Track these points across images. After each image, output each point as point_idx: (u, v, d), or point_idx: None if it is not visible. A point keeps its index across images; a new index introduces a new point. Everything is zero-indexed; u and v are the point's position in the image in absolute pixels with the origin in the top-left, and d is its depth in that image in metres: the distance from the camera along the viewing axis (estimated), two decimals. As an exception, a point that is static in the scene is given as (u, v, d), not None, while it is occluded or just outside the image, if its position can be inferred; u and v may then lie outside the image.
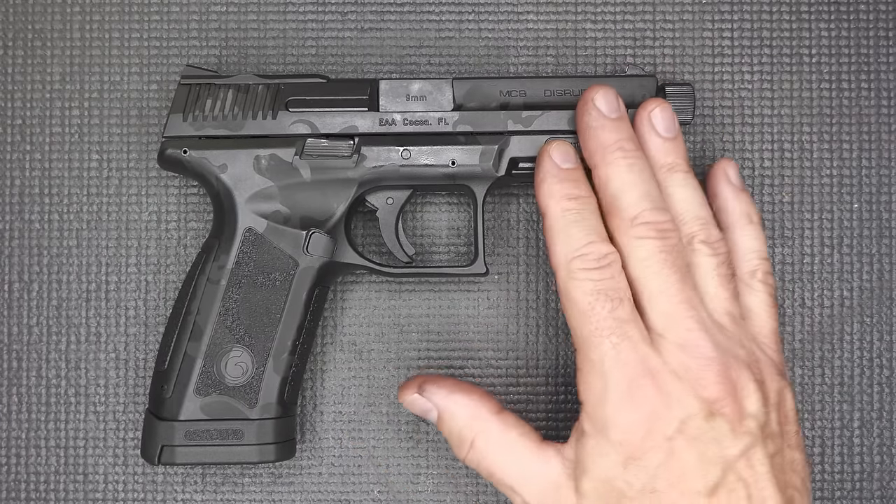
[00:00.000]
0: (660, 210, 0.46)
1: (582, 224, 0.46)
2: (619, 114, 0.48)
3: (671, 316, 0.45)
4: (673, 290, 0.45)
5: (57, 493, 0.55)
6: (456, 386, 0.49)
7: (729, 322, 0.46)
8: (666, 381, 0.44)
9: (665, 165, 0.48)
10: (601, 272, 0.45)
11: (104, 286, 0.55)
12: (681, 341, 0.44)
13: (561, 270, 0.46)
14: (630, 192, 0.46)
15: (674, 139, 0.49)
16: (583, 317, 0.45)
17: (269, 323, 0.50)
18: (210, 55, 0.56)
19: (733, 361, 0.44)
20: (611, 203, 0.47)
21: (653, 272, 0.45)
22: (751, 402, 0.44)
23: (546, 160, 0.48)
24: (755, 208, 0.50)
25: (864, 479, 0.55)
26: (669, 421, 0.43)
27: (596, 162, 0.48)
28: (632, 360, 0.44)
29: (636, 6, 0.56)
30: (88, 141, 0.56)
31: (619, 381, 0.44)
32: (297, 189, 0.51)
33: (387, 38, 0.56)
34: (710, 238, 0.47)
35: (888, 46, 0.56)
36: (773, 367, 0.46)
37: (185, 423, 0.49)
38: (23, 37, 0.56)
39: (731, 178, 0.50)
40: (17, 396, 0.55)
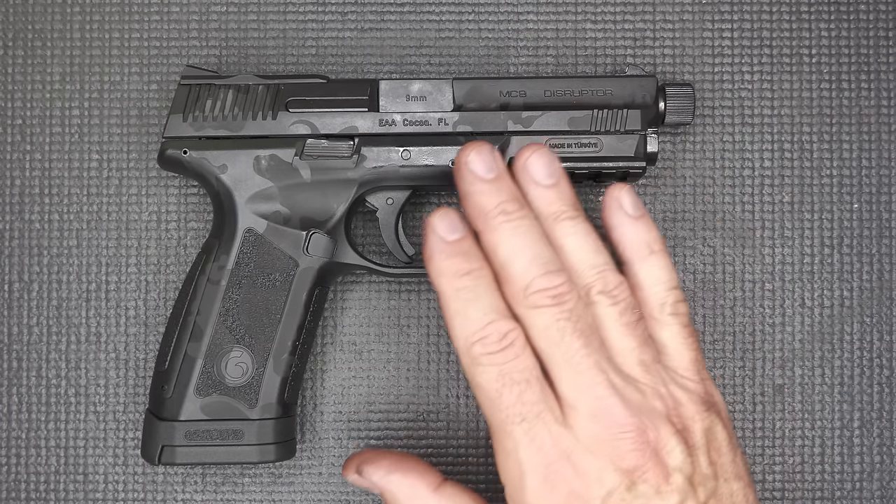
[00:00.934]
0: (552, 274, 0.43)
1: (477, 303, 0.43)
2: (496, 172, 0.44)
3: (580, 386, 0.42)
4: (577, 357, 0.42)
5: (57, 493, 0.55)
6: (394, 464, 0.47)
7: (641, 372, 0.44)
8: (582, 460, 0.42)
9: (551, 215, 0.45)
10: (504, 354, 0.42)
11: (104, 286, 0.55)
12: (592, 411, 0.42)
13: (464, 357, 0.43)
14: (518, 258, 0.43)
15: (556, 185, 0.45)
16: (492, 404, 0.43)
17: (270, 323, 0.50)
18: (210, 55, 0.56)
19: (650, 420, 0.42)
20: (501, 272, 0.44)
21: (554, 342, 0.43)
22: (674, 457, 0.42)
23: (430, 235, 0.44)
24: (656, 234, 0.47)
25: (864, 479, 0.55)
26: (592, 499, 0.42)
27: (480, 229, 0.44)
28: (546, 444, 0.42)
29: (636, 6, 0.56)
30: (88, 141, 0.56)
31: (535, 468, 0.42)
32: (297, 189, 0.51)
33: (387, 39, 0.56)
34: (607, 286, 0.44)
35: (888, 46, 0.56)
36: (698, 402, 0.44)
37: (186, 424, 0.49)
38: (23, 37, 0.56)
39: (624, 206, 0.47)
40: (17, 396, 0.55)
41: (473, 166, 0.44)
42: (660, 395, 0.44)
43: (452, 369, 0.55)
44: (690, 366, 0.46)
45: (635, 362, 0.44)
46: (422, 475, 0.46)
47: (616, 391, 0.42)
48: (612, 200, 0.47)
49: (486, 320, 0.43)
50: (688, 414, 0.44)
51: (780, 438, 0.55)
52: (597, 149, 0.51)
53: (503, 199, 0.44)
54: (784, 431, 0.55)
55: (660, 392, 0.44)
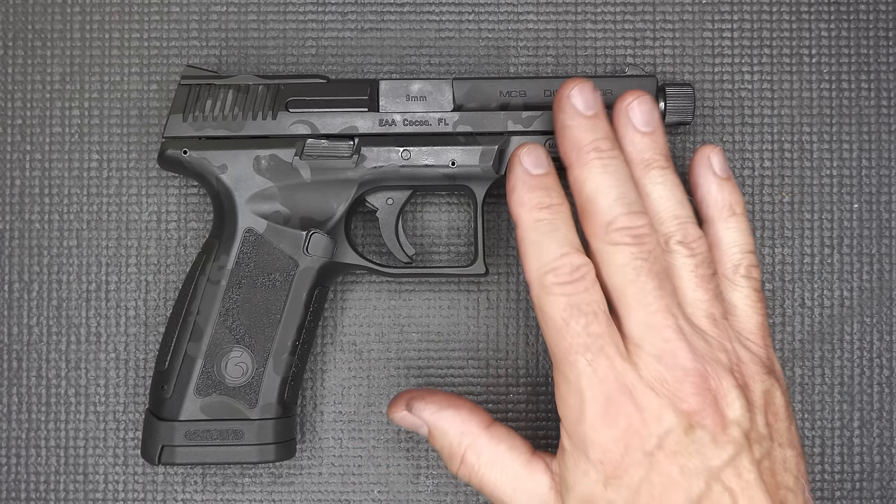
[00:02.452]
0: (636, 214, 0.44)
1: (554, 235, 0.45)
2: (595, 110, 0.46)
3: (648, 326, 0.43)
4: (650, 298, 0.44)
5: (57, 493, 0.55)
6: (445, 401, 0.48)
7: (709, 325, 0.45)
8: (643, 397, 0.43)
9: (642, 162, 0.47)
10: (574, 286, 0.44)
11: (104, 286, 0.55)
12: (658, 352, 0.43)
13: (534, 285, 0.45)
14: (605, 195, 0.44)
15: (652, 133, 0.47)
16: (558, 333, 0.44)
17: (270, 323, 0.50)
18: (210, 55, 0.56)
19: (713, 369, 0.43)
20: (585, 206, 0.45)
21: (629, 280, 0.44)
22: (733, 410, 0.43)
23: (516, 166, 0.47)
24: (739, 197, 0.48)
25: (864, 479, 0.55)
26: (648, 437, 0.42)
27: (570, 162, 0.46)
28: (608, 377, 0.43)
29: (636, 6, 0.56)
30: (88, 141, 0.56)
31: (595, 399, 0.43)
32: (297, 189, 0.51)
33: (387, 39, 0.56)
34: (686, 238, 0.46)
35: (888, 46, 0.56)
36: (759, 364, 0.45)
37: (186, 424, 0.49)
38: (23, 37, 0.56)
39: (714, 166, 0.49)
40: (17, 396, 0.55)
41: (575, 101, 0.46)
42: (724, 349, 0.45)
43: (452, 370, 0.55)
44: (756, 329, 0.47)
45: (704, 314, 0.45)
46: (473, 413, 0.48)
47: (683, 336, 0.43)
48: (703, 158, 0.49)
49: (560, 252, 0.44)
50: (749, 373, 0.45)
51: (780, 438, 0.55)
52: (597, 149, 0.51)
53: (598, 136, 0.46)
54: (784, 431, 0.55)
55: (725, 347, 0.45)
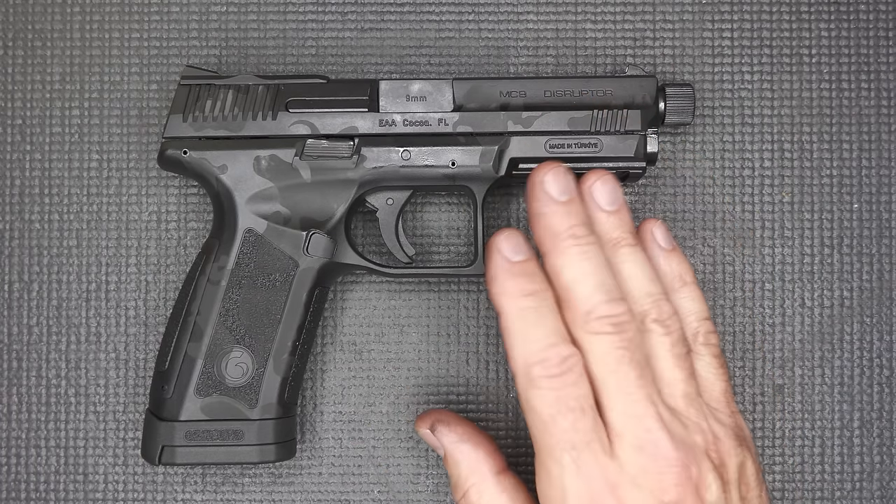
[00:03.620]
0: (615, 302, 0.43)
1: (541, 324, 0.43)
2: (569, 195, 0.45)
3: (630, 416, 0.43)
4: (631, 388, 0.43)
5: (57, 493, 0.55)
6: (467, 434, 0.48)
7: (685, 405, 0.45)
8: (626, 493, 0.42)
9: (610, 241, 0.46)
10: (563, 379, 0.43)
11: (104, 286, 0.55)
12: (640, 443, 0.43)
13: (521, 377, 0.43)
14: (584, 283, 0.43)
15: (618, 212, 0.46)
16: (544, 428, 0.43)
17: (270, 323, 0.50)
18: (210, 55, 0.56)
19: (692, 455, 0.43)
20: (564, 294, 0.44)
21: (610, 370, 0.43)
22: (711, 493, 0.43)
23: (495, 255, 0.45)
24: (688, 266, 0.48)
25: (864, 479, 0.55)
26: None
27: (547, 249, 0.45)
28: (593, 474, 0.42)
29: (636, 6, 0.56)
30: (88, 141, 0.56)
31: (578, 495, 0.42)
32: (297, 190, 0.51)
33: (387, 39, 0.56)
34: (661, 315, 0.45)
35: (888, 46, 0.56)
36: (732, 438, 0.45)
37: (186, 424, 0.49)
38: (23, 37, 0.56)
39: (658, 240, 0.48)
40: (17, 396, 0.55)
41: (549, 187, 0.45)
42: (701, 430, 0.44)
43: (452, 369, 0.55)
44: (721, 397, 0.47)
45: (681, 394, 0.45)
46: (489, 455, 0.47)
47: (664, 425, 0.43)
48: (647, 233, 0.48)
49: (547, 342, 0.43)
50: (724, 449, 0.44)
51: (779, 438, 0.55)
52: (597, 149, 0.51)
53: (574, 222, 0.44)
54: (784, 431, 0.55)
55: (701, 427, 0.44)
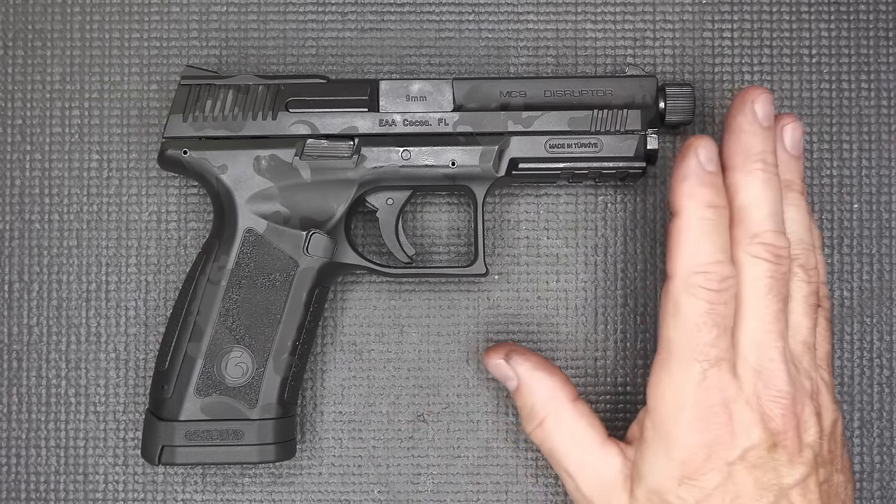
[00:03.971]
0: (781, 234, 0.46)
1: (715, 238, 0.45)
2: (770, 123, 0.47)
3: (759, 343, 0.45)
4: (769, 318, 0.45)
5: (57, 493, 0.55)
6: (541, 363, 0.50)
7: (802, 351, 0.47)
8: (738, 410, 0.45)
9: (783, 182, 0.48)
10: (718, 295, 0.45)
11: (104, 286, 0.55)
12: (760, 368, 0.45)
13: (678, 279, 0.45)
14: (759, 207, 0.46)
15: (797, 158, 0.49)
16: (686, 333, 0.45)
17: (270, 323, 0.50)
18: (210, 55, 0.56)
19: (800, 395, 0.45)
20: (737, 211, 0.46)
21: (757, 295, 0.45)
22: (809, 434, 0.45)
23: (691, 158, 0.46)
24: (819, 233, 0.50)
25: (864, 479, 0.55)
26: (733, 448, 0.44)
27: (734, 164, 0.47)
28: (714, 388, 0.45)
29: (636, 6, 0.56)
30: (88, 141, 0.56)
31: (696, 405, 0.45)
32: (297, 190, 0.51)
33: (387, 39, 0.56)
34: (808, 264, 0.48)
35: (888, 46, 0.56)
36: (830, 394, 0.47)
37: (186, 424, 0.49)
38: (23, 37, 0.56)
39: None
40: (17, 396, 0.55)
41: (758, 108, 0.47)
42: (810, 377, 0.47)
43: (452, 369, 0.55)
44: (826, 358, 0.49)
45: (801, 341, 0.47)
46: (564, 383, 0.49)
47: (785, 360, 0.45)
48: None
49: (716, 257, 0.45)
50: (824, 402, 0.47)
51: (780, 438, 0.55)
52: (597, 149, 0.51)
53: (767, 148, 0.47)
54: (784, 431, 0.55)
55: (810, 374, 0.47)
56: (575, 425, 0.48)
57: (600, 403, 0.55)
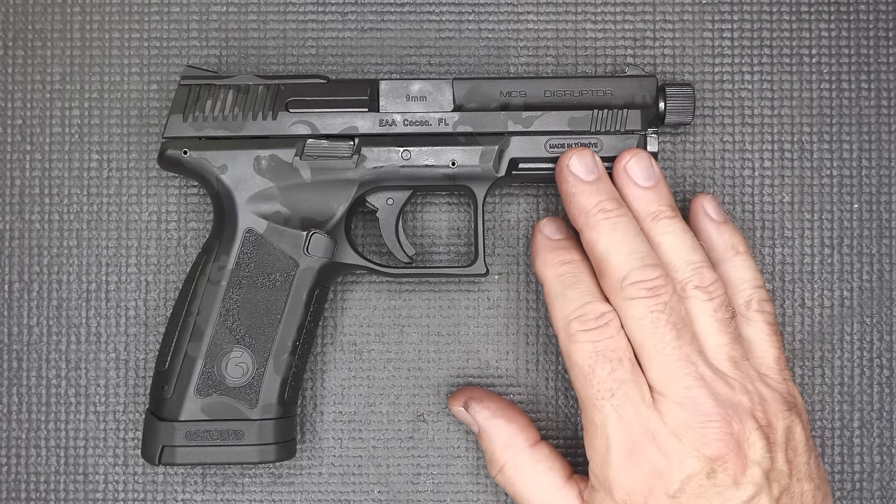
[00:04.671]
0: (648, 267, 0.46)
1: (577, 286, 0.47)
2: (596, 174, 0.49)
3: (669, 375, 0.45)
4: (669, 348, 0.45)
5: (57, 493, 0.55)
6: (499, 409, 0.50)
7: (731, 368, 0.46)
8: (667, 443, 0.44)
9: (649, 215, 0.48)
10: (599, 332, 0.46)
11: (104, 286, 0.55)
12: (680, 399, 0.45)
13: (561, 334, 0.47)
14: (616, 252, 0.46)
15: (654, 186, 0.49)
16: (584, 379, 0.46)
17: (270, 323, 0.50)
18: (210, 55, 0.56)
19: (735, 413, 0.45)
20: (599, 265, 0.47)
21: (647, 332, 0.45)
22: (754, 451, 0.45)
23: (538, 234, 0.50)
24: (740, 237, 0.50)
25: (864, 479, 0.55)
26: (671, 481, 0.44)
27: (580, 226, 0.48)
28: (633, 422, 0.45)
29: (636, 6, 0.56)
30: (88, 141, 0.56)
31: (621, 443, 0.45)
32: (297, 190, 0.51)
33: (387, 39, 0.56)
34: (703, 282, 0.47)
35: (888, 46, 0.56)
36: (781, 401, 0.47)
37: (186, 424, 0.49)
38: (23, 37, 0.56)
39: (709, 212, 0.51)
40: (17, 396, 0.55)
41: (575, 169, 0.49)
42: (747, 391, 0.46)
43: (452, 369, 0.55)
44: (774, 364, 0.48)
45: (725, 357, 0.47)
46: (522, 429, 0.50)
47: (704, 382, 0.45)
48: (698, 207, 0.51)
49: (583, 300, 0.46)
50: (771, 411, 0.46)
51: (780, 438, 0.55)
52: (597, 149, 0.51)
53: (602, 198, 0.48)
54: (784, 431, 0.55)
55: (747, 388, 0.46)
56: (533, 470, 0.49)
57: (600, 403, 0.55)
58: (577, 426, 0.55)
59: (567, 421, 0.55)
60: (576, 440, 0.55)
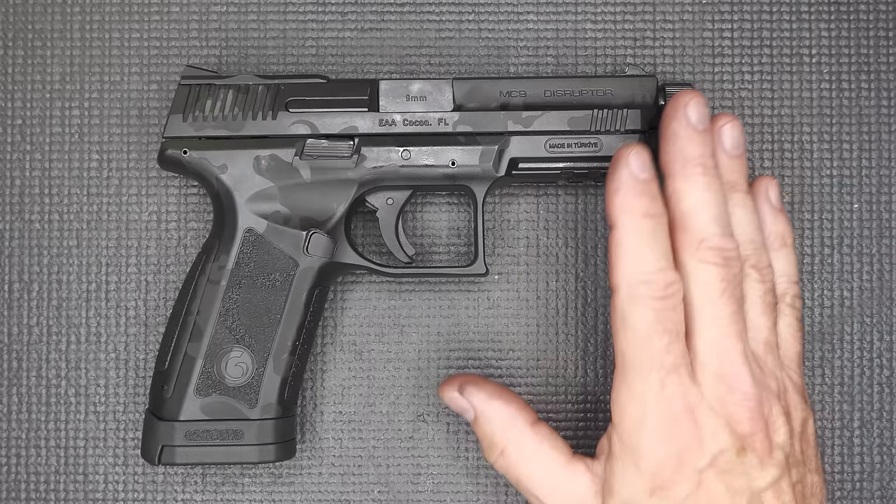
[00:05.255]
0: (728, 237, 0.45)
1: (655, 246, 0.45)
2: (706, 125, 0.46)
3: (718, 347, 0.45)
4: (725, 321, 0.45)
5: (57, 493, 0.55)
6: (495, 392, 0.49)
7: (765, 352, 0.47)
8: (703, 416, 0.44)
9: (727, 183, 0.47)
10: (665, 302, 0.44)
11: (104, 286, 0.55)
12: (722, 373, 0.44)
13: (622, 291, 0.45)
14: (703, 212, 0.45)
15: (739, 157, 0.48)
16: (638, 344, 0.44)
17: (270, 323, 0.50)
18: (210, 55, 0.56)
19: (766, 395, 0.45)
20: (681, 218, 0.45)
21: (710, 300, 0.45)
22: (779, 435, 0.45)
23: (623, 168, 0.45)
24: (790, 230, 0.50)
25: (864, 479, 0.55)
26: (702, 455, 0.44)
27: (673, 171, 0.46)
28: (675, 396, 0.44)
29: (636, 6, 0.56)
30: (88, 141, 0.56)
31: (659, 415, 0.44)
32: (297, 189, 0.51)
33: (387, 38, 0.56)
34: (760, 264, 0.47)
35: (888, 46, 0.56)
36: (798, 393, 0.47)
37: (186, 424, 0.49)
38: (23, 37, 0.56)
39: (771, 198, 0.50)
40: (17, 396, 0.55)
41: (690, 112, 0.46)
42: (775, 377, 0.46)
43: (452, 370, 0.55)
44: (795, 358, 0.49)
45: (762, 341, 0.47)
46: (521, 409, 0.49)
47: (747, 361, 0.45)
48: (761, 189, 0.50)
49: (658, 265, 0.44)
50: (792, 402, 0.47)
51: (780, 438, 0.55)
52: (597, 149, 0.51)
53: (706, 152, 0.46)
54: (784, 431, 0.55)
55: (776, 374, 0.46)
56: (537, 449, 0.48)
57: (603, 402, 0.55)
58: (578, 427, 0.55)
59: (567, 421, 0.55)
60: (576, 440, 0.55)
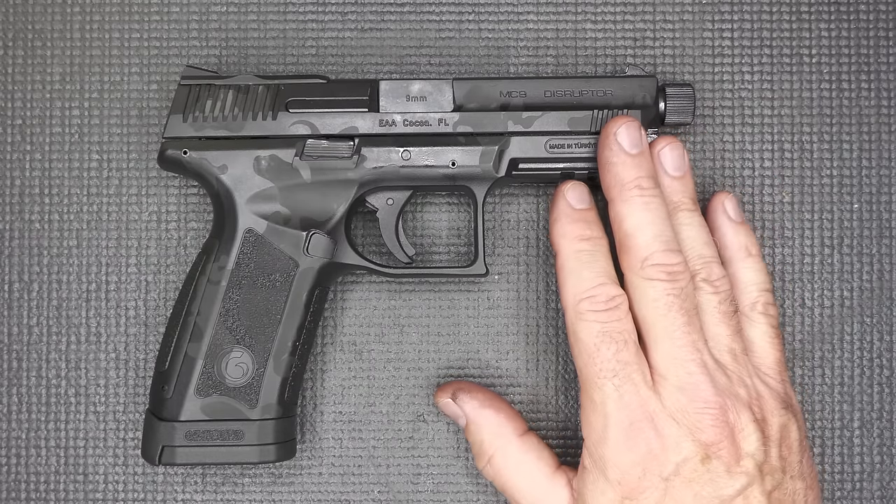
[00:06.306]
0: (672, 252, 0.47)
1: (593, 265, 0.47)
2: (640, 149, 0.48)
3: (674, 359, 0.46)
4: (678, 333, 0.46)
5: (57, 493, 0.55)
6: (487, 400, 0.51)
7: (730, 360, 0.47)
8: (664, 425, 0.45)
9: (671, 204, 0.49)
10: (608, 314, 0.46)
11: (104, 286, 0.55)
12: (681, 384, 0.45)
13: (570, 311, 0.47)
14: (644, 231, 0.47)
15: (682, 178, 0.50)
16: (588, 357, 0.46)
17: (270, 324, 0.50)
18: (210, 55, 0.56)
19: (732, 403, 0.45)
20: (624, 240, 0.47)
21: (660, 314, 0.46)
22: (749, 443, 0.45)
23: (560, 200, 0.49)
24: (754, 240, 0.51)
25: (864, 479, 0.55)
26: (666, 463, 0.45)
27: (612, 197, 0.48)
28: (633, 402, 0.45)
29: (636, 6, 0.56)
30: (88, 141, 0.56)
31: (619, 422, 0.45)
32: (297, 190, 0.51)
33: (387, 39, 0.56)
34: (711, 276, 0.48)
35: (888, 46, 0.56)
36: (777, 399, 0.47)
37: (186, 424, 0.49)
38: (23, 37, 0.56)
39: (728, 212, 0.51)
40: (17, 396, 0.55)
41: (621, 139, 0.48)
42: (744, 385, 0.47)
43: (452, 370, 0.55)
44: (774, 365, 0.49)
45: (725, 349, 0.47)
46: (511, 419, 0.50)
47: (706, 370, 0.46)
48: (718, 205, 0.51)
49: (597, 282, 0.47)
50: (767, 407, 0.47)
51: (779, 438, 0.55)
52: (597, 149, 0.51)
53: (641, 174, 0.48)
54: (784, 431, 0.55)
55: (745, 382, 0.47)
56: (522, 459, 0.49)
57: (600, 403, 0.55)
58: (577, 427, 0.55)
59: (567, 421, 0.55)
60: (576, 440, 0.55)
